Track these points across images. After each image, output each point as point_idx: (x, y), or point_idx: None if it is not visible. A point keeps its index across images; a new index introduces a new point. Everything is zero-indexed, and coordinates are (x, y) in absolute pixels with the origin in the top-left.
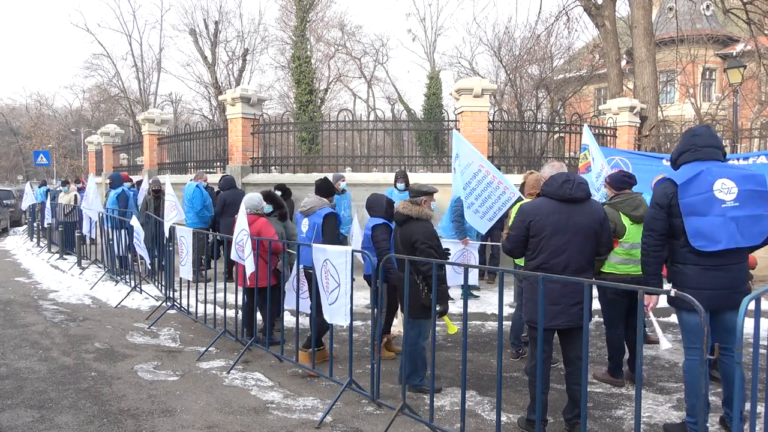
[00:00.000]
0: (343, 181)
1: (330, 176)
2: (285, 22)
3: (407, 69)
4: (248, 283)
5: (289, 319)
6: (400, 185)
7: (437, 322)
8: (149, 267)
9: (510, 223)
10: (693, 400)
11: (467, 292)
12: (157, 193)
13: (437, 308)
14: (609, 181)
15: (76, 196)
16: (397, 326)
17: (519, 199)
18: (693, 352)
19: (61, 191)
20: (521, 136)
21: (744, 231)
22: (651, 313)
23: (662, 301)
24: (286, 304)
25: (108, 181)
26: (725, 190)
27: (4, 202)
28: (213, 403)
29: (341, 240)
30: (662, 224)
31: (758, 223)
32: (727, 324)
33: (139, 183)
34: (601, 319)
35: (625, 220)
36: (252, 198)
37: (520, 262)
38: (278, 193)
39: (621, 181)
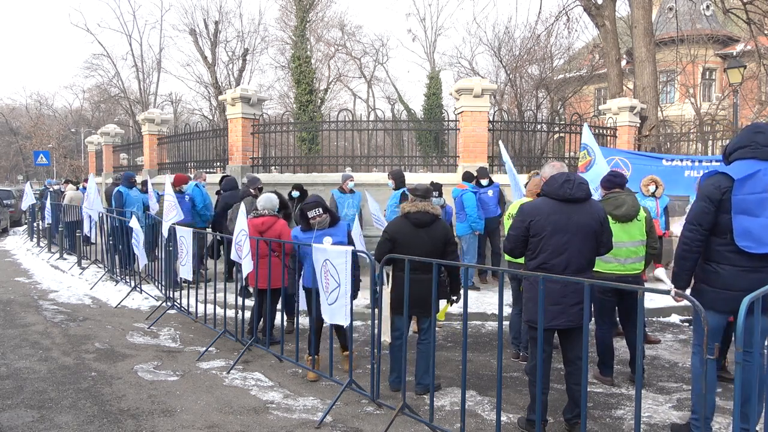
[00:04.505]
0: (352, 180)
1: (338, 176)
2: (285, 22)
3: (407, 69)
4: (253, 283)
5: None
6: (390, 183)
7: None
8: (143, 267)
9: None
10: (696, 398)
11: (466, 291)
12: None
13: (454, 297)
14: (601, 182)
15: (64, 194)
16: (384, 334)
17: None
18: (699, 349)
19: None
20: (521, 136)
21: None
22: (665, 279)
23: (663, 302)
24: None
25: (135, 180)
26: None
27: (4, 202)
28: (213, 403)
29: None
30: (710, 219)
31: None
32: (752, 327)
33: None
34: None
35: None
36: (271, 199)
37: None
38: (296, 193)
39: (608, 181)
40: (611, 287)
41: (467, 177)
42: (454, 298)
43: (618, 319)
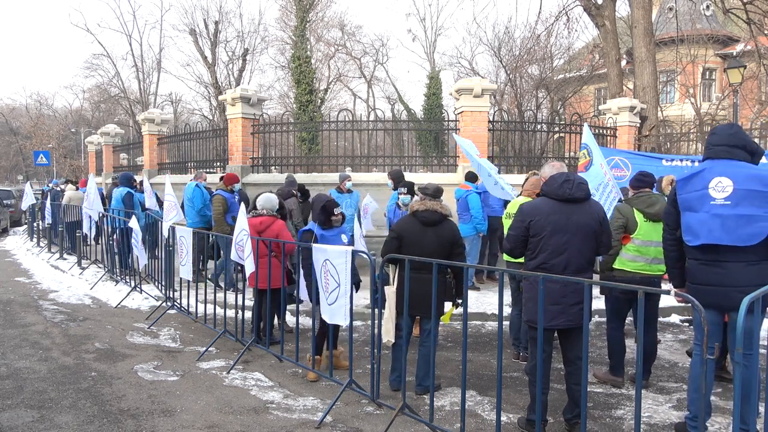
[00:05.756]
0: (349, 180)
1: (336, 176)
2: (285, 22)
3: (407, 69)
4: (253, 284)
5: (288, 319)
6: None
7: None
8: (143, 267)
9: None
10: (693, 395)
11: (467, 291)
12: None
13: (459, 300)
14: (630, 183)
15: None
16: (385, 335)
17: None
18: (699, 348)
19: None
20: (521, 136)
21: (730, 229)
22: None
23: (663, 302)
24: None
25: (135, 180)
26: (719, 188)
27: (4, 202)
28: (213, 403)
29: None
30: (673, 218)
31: (751, 224)
32: (734, 325)
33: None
34: (601, 319)
35: (638, 217)
36: (270, 199)
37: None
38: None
39: (638, 181)
40: (622, 289)
41: (470, 177)
42: (460, 301)
43: (633, 319)
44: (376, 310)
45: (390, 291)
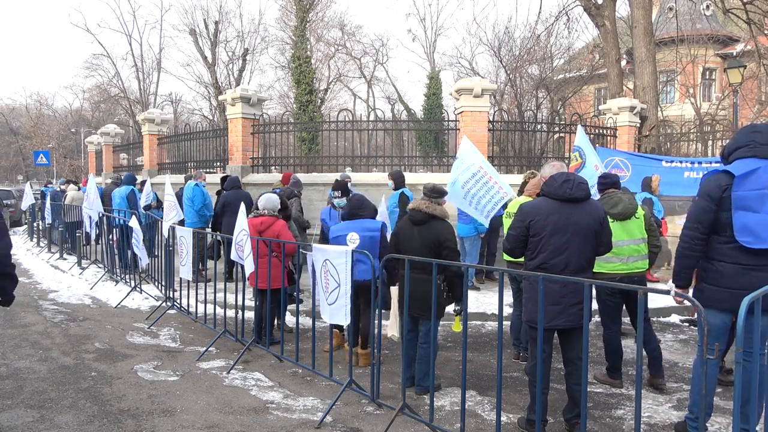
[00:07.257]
0: (349, 181)
1: (337, 176)
2: (285, 22)
3: (407, 69)
4: (253, 283)
5: (288, 319)
6: (390, 183)
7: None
8: (144, 267)
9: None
10: (695, 396)
11: (467, 291)
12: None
13: (457, 307)
14: (597, 188)
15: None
16: (389, 330)
17: (510, 200)
18: (701, 349)
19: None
20: (521, 136)
21: None
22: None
23: (663, 302)
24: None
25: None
26: None
27: (4, 202)
28: (213, 403)
29: None
30: (710, 217)
31: None
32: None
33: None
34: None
35: None
36: (272, 200)
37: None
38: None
39: (601, 184)
40: (616, 288)
41: None
42: (458, 308)
43: (629, 319)
44: (376, 310)
45: (393, 289)
